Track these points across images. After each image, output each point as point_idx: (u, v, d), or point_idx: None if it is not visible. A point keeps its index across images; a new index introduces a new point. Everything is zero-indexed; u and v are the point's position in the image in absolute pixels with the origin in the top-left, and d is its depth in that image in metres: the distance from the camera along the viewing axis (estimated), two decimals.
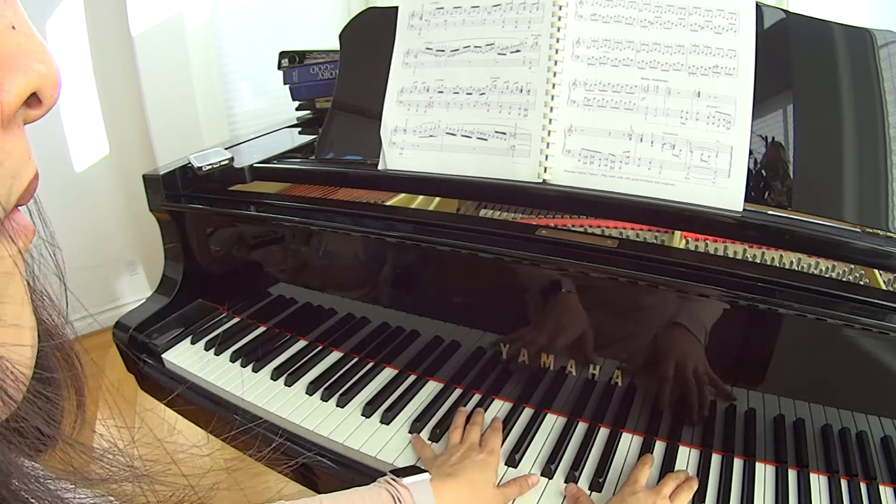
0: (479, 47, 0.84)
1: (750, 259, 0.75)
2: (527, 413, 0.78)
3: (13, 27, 0.20)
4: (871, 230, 0.68)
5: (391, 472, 0.60)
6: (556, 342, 0.76)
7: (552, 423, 0.76)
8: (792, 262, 0.73)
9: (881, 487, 0.63)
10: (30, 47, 0.21)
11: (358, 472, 0.73)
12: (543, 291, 0.75)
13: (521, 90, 0.80)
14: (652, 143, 0.74)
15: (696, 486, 0.64)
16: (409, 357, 0.87)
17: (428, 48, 0.87)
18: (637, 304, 0.71)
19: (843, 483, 0.65)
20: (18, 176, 0.21)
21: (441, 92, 0.86)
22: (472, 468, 0.65)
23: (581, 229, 0.81)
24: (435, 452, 0.72)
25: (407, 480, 0.58)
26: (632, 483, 0.64)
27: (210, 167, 0.95)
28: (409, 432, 0.76)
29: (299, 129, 1.30)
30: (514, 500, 0.66)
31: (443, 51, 0.86)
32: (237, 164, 0.97)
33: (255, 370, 0.89)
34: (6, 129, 0.20)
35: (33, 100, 0.21)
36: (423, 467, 0.64)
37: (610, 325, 0.74)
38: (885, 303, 0.60)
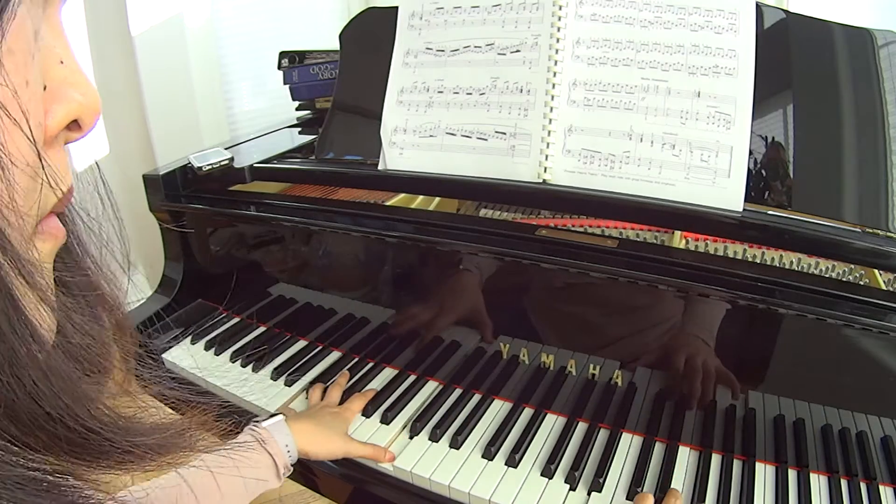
0: (479, 47, 0.84)
1: (750, 259, 0.75)
2: (527, 413, 0.78)
3: (61, 62, 0.24)
4: (871, 230, 0.68)
5: (253, 421, 0.70)
6: (558, 341, 0.76)
7: (552, 423, 0.76)
8: (792, 262, 0.73)
9: (881, 487, 0.63)
10: (74, 80, 0.24)
11: (357, 473, 0.73)
12: (544, 291, 0.75)
13: (521, 90, 0.80)
14: (652, 143, 0.74)
15: None
16: (409, 357, 0.87)
17: (428, 48, 0.87)
18: (637, 304, 0.71)
19: (843, 483, 0.65)
20: (56, 187, 0.24)
21: (441, 92, 0.86)
22: (322, 413, 0.76)
23: (581, 229, 0.81)
24: (296, 412, 0.81)
25: (265, 423, 0.69)
26: None
27: (210, 167, 0.95)
28: (410, 432, 0.76)
29: (299, 129, 1.30)
30: (359, 457, 0.72)
31: (443, 51, 0.86)
32: (237, 164, 0.97)
33: (255, 370, 0.89)
34: (49, 147, 0.24)
35: (74, 125, 0.25)
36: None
37: (610, 324, 0.74)
38: (885, 303, 0.60)
